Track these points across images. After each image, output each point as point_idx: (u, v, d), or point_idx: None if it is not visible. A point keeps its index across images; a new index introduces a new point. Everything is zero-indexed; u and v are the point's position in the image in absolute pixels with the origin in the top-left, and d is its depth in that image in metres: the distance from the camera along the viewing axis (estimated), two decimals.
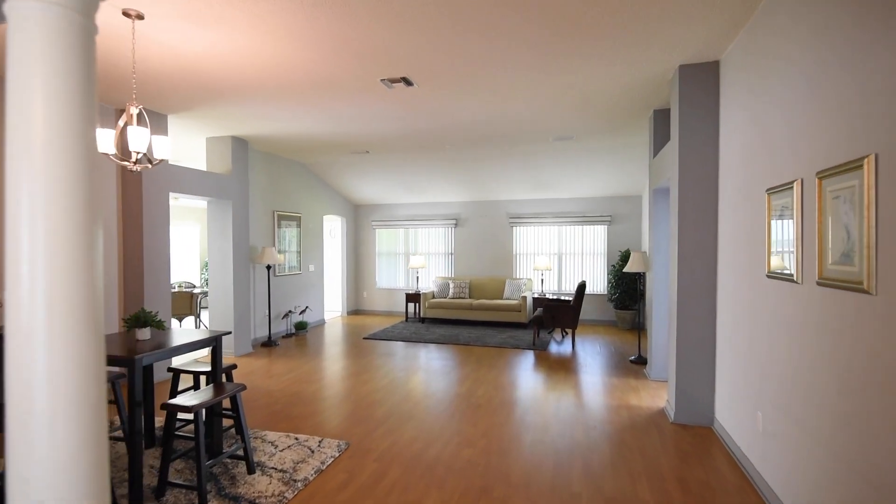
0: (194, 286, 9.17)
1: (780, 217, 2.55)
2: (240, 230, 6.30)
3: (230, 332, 3.39)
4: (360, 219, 9.99)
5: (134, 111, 2.93)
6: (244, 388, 3.00)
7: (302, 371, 5.48)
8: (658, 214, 5.03)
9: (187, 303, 7.44)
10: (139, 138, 2.79)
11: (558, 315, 6.65)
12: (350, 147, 6.86)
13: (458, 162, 7.58)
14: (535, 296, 8.21)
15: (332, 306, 10.19)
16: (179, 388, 4.07)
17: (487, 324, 8.46)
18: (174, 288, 8.77)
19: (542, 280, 8.41)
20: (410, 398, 4.49)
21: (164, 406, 2.65)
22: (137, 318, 2.93)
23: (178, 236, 10.67)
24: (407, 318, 8.93)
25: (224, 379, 3.66)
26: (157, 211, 5.11)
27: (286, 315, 7.47)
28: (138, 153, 2.86)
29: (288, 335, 7.49)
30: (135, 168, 2.94)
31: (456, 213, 9.33)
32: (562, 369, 5.53)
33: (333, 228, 10.24)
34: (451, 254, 9.39)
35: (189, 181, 5.55)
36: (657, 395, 4.57)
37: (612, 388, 4.78)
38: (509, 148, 6.84)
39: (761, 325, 2.83)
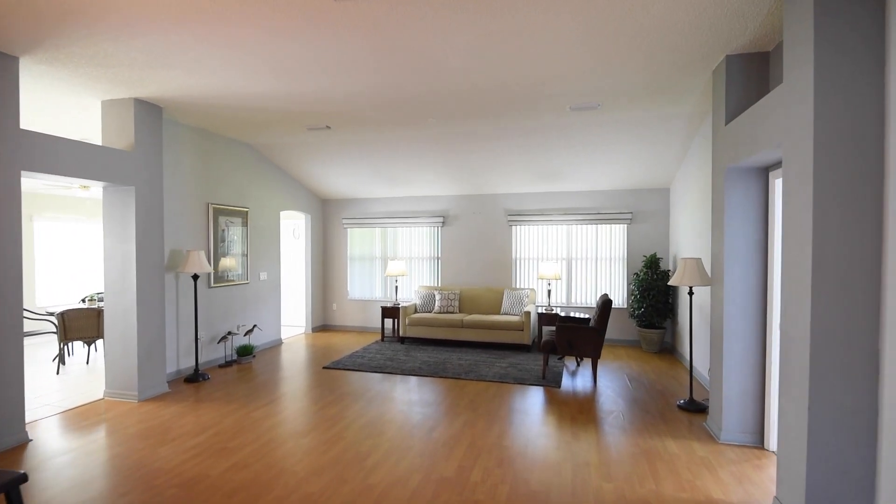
0: None
1: None
2: (148, 227, 4.64)
3: None
4: (328, 216, 8.35)
5: None
6: None
7: (221, 429, 3.83)
8: (734, 204, 3.49)
9: (95, 322, 5.74)
10: None
11: (577, 340, 5.09)
12: (305, 119, 5.24)
13: (445, 144, 6.00)
14: (542, 310, 6.66)
15: (295, 321, 8.54)
16: None
17: (482, 345, 6.88)
18: (83, 303, 7.04)
19: (549, 291, 6.86)
20: (368, 490, 2.88)
21: None
22: None
23: (94, 236, 8.91)
24: (383, 336, 7.31)
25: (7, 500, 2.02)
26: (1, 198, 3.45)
27: (224, 338, 5.81)
28: None
29: (227, 363, 5.82)
30: None
31: (443, 210, 7.75)
32: (589, 422, 3.96)
33: (297, 227, 8.59)
34: (438, 258, 7.80)
35: (61, 157, 3.88)
36: (745, 476, 3.02)
37: (674, 462, 3.22)
38: (511, 122, 5.27)
39: None
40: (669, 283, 4.34)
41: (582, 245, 7.19)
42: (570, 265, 7.24)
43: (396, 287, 7.51)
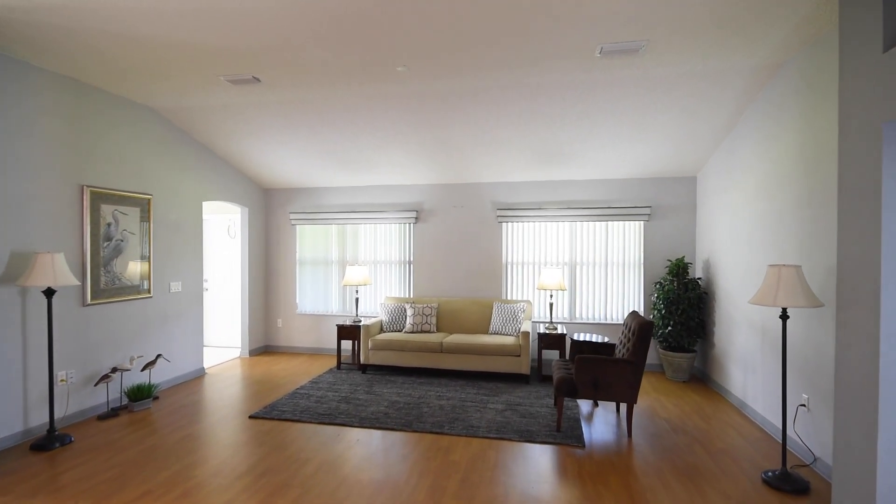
0: None
1: None
2: None
3: None
4: (272, 209, 6.70)
5: None
6: None
7: None
8: None
9: None
10: None
11: (605, 378, 3.67)
12: (220, 64, 3.63)
13: (420, 113, 4.50)
14: (544, 329, 5.24)
15: (230, 341, 6.84)
16: None
17: (467, 375, 5.40)
18: None
19: (552, 305, 5.45)
20: None
21: None
22: None
23: None
24: (340, 363, 5.72)
25: None
26: None
27: (107, 376, 4.10)
28: None
29: (111, 413, 4.11)
30: None
31: (416, 203, 6.24)
32: None
33: (234, 224, 6.89)
34: (409, 263, 6.29)
35: None
36: None
37: None
38: (512, 75, 3.82)
39: None
40: (750, 302, 2.98)
41: (588, 247, 5.82)
42: (573, 272, 5.85)
43: (357, 299, 5.94)
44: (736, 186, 4.44)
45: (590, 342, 4.34)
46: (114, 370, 4.14)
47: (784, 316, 2.93)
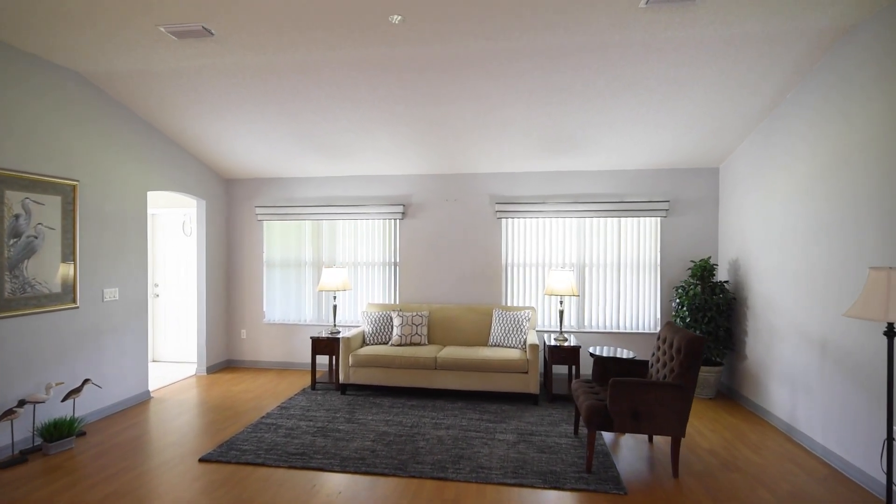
0: None
1: None
2: None
3: None
4: (234, 203, 5.81)
5: None
6: None
7: None
8: None
9: None
10: None
11: (647, 406, 2.99)
12: (160, 6, 2.79)
13: (412, 88, 3.73)
14: (553, 341, 4.55)
15: (183, 355, 5.91)
16: None
17: (466, 395, 4.66)
18: None
19: (562, 312, 4.75)
20: None
21: None
22: None
23: None
24: (315, 382, 4.89)
25: None
26: None
27: (10, 412, 3.18)
28: None
29: (20, 457, 3.19)
30: None
31: (403, 195, 5.47)
32: None
33: (189, 219, 5.96)
34: (395, 265, 5.51)
35: None
36: None
37: None
38: (527, 36, 3.10)
39: None
40: (847, 314, 2.34)
41: (599, 246, 5.16)
42: (581, 274, 5.19)
43: (335, 306, 5.12)
44: (774, 178, 3.84)
45: (617, 359, 3.66)
46: (21, 403, 3.22)
47: (891, 332, 2.30)
